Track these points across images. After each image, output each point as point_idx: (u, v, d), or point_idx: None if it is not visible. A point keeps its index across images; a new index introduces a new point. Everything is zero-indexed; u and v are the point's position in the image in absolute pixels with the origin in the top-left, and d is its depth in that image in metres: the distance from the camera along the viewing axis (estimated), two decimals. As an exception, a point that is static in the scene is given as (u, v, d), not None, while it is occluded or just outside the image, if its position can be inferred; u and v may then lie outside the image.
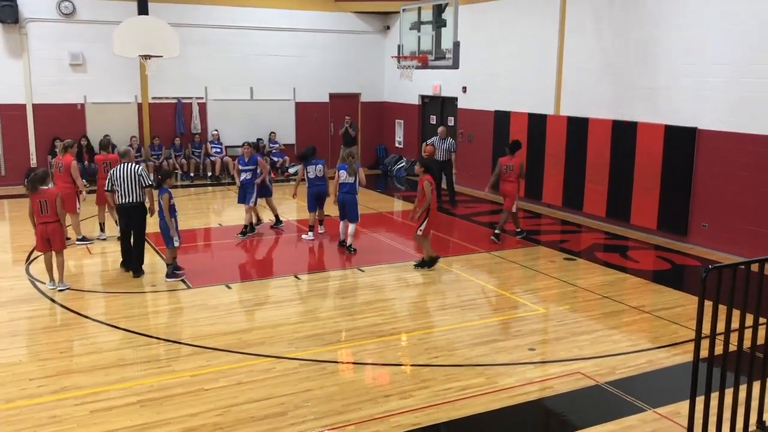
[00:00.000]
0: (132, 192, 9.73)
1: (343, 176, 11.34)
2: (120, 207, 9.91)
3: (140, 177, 9.78)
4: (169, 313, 8.69)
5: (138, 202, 9.80)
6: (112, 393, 6.29)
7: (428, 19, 12.71)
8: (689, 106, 11.86)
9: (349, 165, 11.35)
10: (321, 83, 20.22)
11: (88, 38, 17.20)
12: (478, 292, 9.48)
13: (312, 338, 7.70)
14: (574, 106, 14.28)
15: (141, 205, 9.86)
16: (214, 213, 15.14)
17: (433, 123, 19.16)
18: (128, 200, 9.74)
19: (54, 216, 8.98)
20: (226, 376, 6.67)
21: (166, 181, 9.70)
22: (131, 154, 10.24)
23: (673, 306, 8.92)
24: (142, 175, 9.83)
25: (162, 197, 9.57)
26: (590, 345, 7.58)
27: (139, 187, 9.77)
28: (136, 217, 9.88)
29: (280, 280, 9.92)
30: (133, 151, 10.61)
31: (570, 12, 14.25)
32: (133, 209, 9.80)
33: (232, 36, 18.81)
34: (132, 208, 9.80)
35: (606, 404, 6.31)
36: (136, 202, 9.79)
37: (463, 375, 6.76)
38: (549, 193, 14.99)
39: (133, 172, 9.77)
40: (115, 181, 9.77)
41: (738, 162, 11.15)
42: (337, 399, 6.22)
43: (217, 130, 18.93)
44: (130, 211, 9.82)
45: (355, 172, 11.33)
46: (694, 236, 11.97)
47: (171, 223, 9.64)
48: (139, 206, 9.85)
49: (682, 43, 11.91)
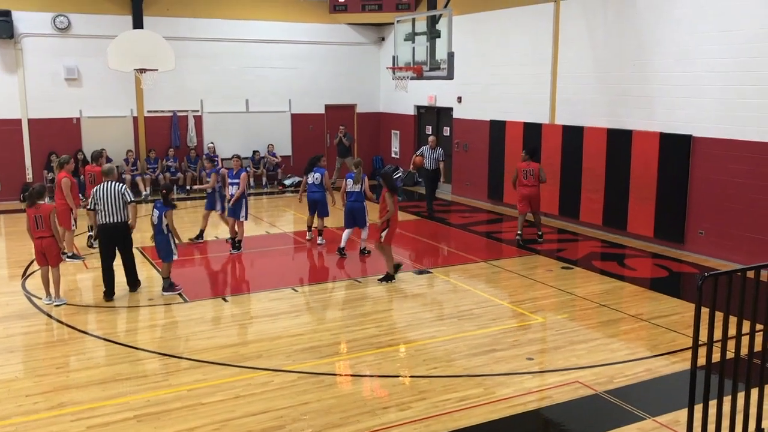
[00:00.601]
0: (117, 212, 9.35)
1: (349, 185, 11.69)
2: (103, 227, 9.47)
3: (123, 195, 9.39)
4: (165, 327, 8.66)
5: (122, 222, 9.44)
6: (108, 408, 6.26)
7: (423, 30, 12.78)
8: (684, 113, 11.90)
9: (356, 174, 11.74)
10: (316, 95, 20.26)
11: (83, 52, 17.23)
12: (476, 301, 9.46)
13: (309, 351, 7.67)
14: (569, 115, 14.32)
15: (125, 225, 9.49)
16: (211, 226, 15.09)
17: (429, 133, 19.18)
18: (112, 220, 9.37)
19: (48, 231, 8.98)
20: (223, 389, 6.64)
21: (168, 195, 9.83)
22: (115, 172, 9.88)
23: (670, 314, 8.92)
24: (125, 193, 9.44)
25: (166, 213, 9.56)
26: (588, 354, 7.57)
27: (123, 206, 9.40)
28: (120, 237, 9.54)
29: (278, 293, 9.89)
30: (116, 170, 10.18)
31: (564, 21, 14.32)
32: (117, 229, 9.44)
33: (227, 49, 18.87)
34: (116, 228, 9.43)
35: (605, 413, 6.29)
36: (120, 222, 9.43)
37: (462, 386, 6.74)
38: (546, 202, 14.96)
39: (117, 191, 9.38)
40: (99, 200, 9.38)
41: (733, 169, 11.18)
42: (336, 411, 6.19)
43: (213, 142, 18.93)
44: (114, 231, 9.45)
45: (360, 180, 11.69)
46: (691, 243, 11.98)
47: (172, 237, 9.67)
48: (123, 225, 9.47)
49: (676, 50, 11.97)
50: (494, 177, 16.43)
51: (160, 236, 9.66)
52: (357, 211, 11.75)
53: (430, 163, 15.57)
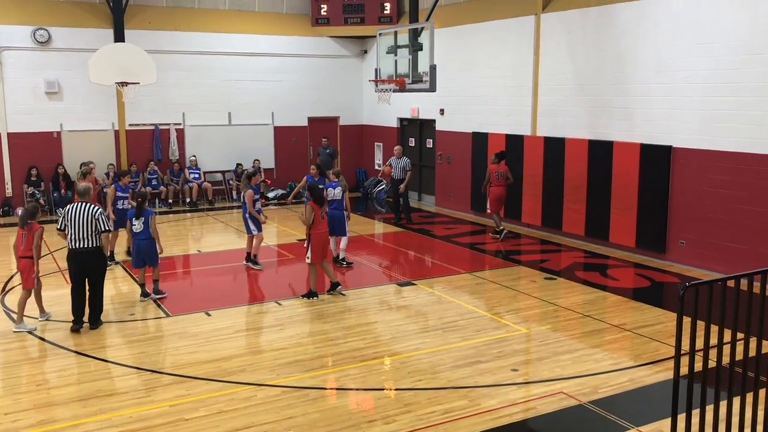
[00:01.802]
0: (88, 236, 8.55)
1: (331, 193, 11.60)
2: (73, 252, 8.64)
3: (98, 221, 8.59)
4: (147, 341, 8.56)
5: (94, 247, 8.62)
6: (90, 425, 6.18)
7: (405, 43, 12.84)
8: (664, 124, 12.04)
9: (341, 182, 11.70)
10: (299, 107, 20.27)
11: (63, 66, 17.13)
12: (460, 313, 9.47)
13: (294, 364, 7.63)
14: (551, 127, 14.43)
15: (97, 251, 8.68)
16: (193, 239, 15.03)
17: (412, 145, 19.26)
18: (83, 245, 8.57)
19: (28, 251, 8.68)
20: (206, 405, 6.58)
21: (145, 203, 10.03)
22: (92, 193, 9.17)
23: (653, 323, 8.98)
24: (100, 219, 8.63)
25: (152, 218, 9.85)
26: (572, 364, 7.59)
27: (95, 231, 8.59)
28: (91, 264, 8.71)
29: (261, 306, 9.84)
30: (93, 191, 9.49)
31: (544, 34, 14.45)
32: (87, 255, 8.61)
33: (209, 62, 18.84)
34: (86, 254, 8.61)
35: (589, 424, 6.31)
36: (92, 247, 8.61)
37: (446, 398, 6.73)
38: (528, 213, 15.08)
39: (90, 214, 8.58)
40: (69, 221, 8.59)
41: (713, 179, 11.31)
42: (320, 426, 6.15)
43: (195, 155, 18.86)
44: (85, 257, 8.63)
45: (346, 189, 11.69)
46: (673, 253, 12.09)
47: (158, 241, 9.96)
48: (94, 251, 8.65)
49: (655, 62, 12.12)
50: (477, 188, 16.47)
51: (147, 241, 9.87)
52: (337, 219, 11.60)
53: (397, 172, 15.70)
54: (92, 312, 8.85)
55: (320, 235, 10.06)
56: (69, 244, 8.66)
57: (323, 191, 10.76)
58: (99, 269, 8.85)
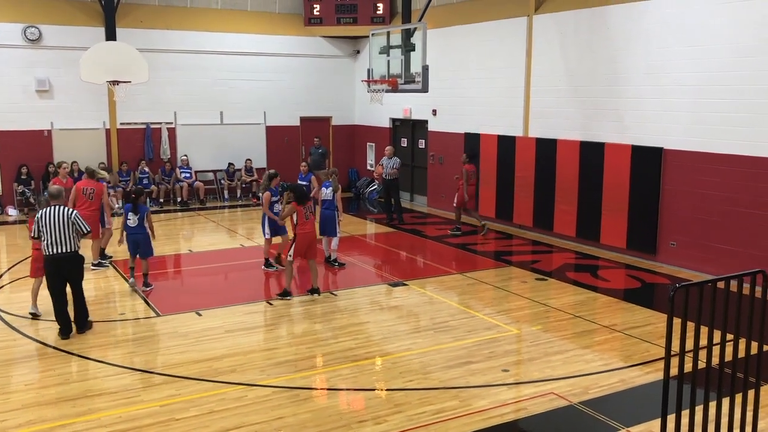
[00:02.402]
0: (65, 240, 8.22)
1: (325, 193, 11.65)
2: (49, 259, 8.28)
3: (75, 224, 8.30)
4: (138, 341, 8.53)
5: (72, 252, 8.31)
6: (79, 425, 6.14)
7: (397, 44, 12.83)
8: (655, 126, 12.09)
9: (333, 182, 11.69)
10: (292, 107, 20.24)
11: (54, 64, 17.04)
12: (451, 313, 9.48)
13: (285, 364, 7.61)
14: (543, 128, 14.47)
15: (75, 255, 8.39)
16: (184, 239, 14.98)
17: (405, 146, 19.26)
18: (60, 250, 8.22)
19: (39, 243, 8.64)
20: (197, 405, 6.56)
21: (141, 198, 10.41)
22: (63, 195, 8.82)
23: (644, 324, 9.01)
24: (77, 222, 8.33)
25: (147, 214, 10.33)
26: (563, 365, 7.61)
27: (72, 233, 8.28)
28: (70, 269, 8.41)
29: (252, 306, 9.81)
30: (64, 192, 9.10)
31: (537, 35, 14.48)
32: (65, 260, 8.29)
33: (201, 61, 18.79)
34: (65, 260, 8.28)
35: (579, 424, 6.32)
36: (70, 252, 8.29)
37: (438, 398, 6.73)
38: (520, 214, 15.11)
39: (66, 216, 8.27)
40: (43, 226, 8.23)
41: (703, 181, 11.36)
42: (311, 426, 6.14)
43: (186, 155, 18.80)
44: (62, 263, 8.29)
45: (338, 189, 11.66)
46: (664, 255, 12.13)
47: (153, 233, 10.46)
48: (72, 256, 8.35)
49: (647, 65, 12.16)
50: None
51: (142, 235, 10.32)
52: (329, 219, 11.65)
53: (387, 172, 15.77)
54: (78, 316, 8.60)
55: (305, 235, 10.04)
56: (45, 250, 8.30)
57: (304, 189, 10.73)
58: (78, 273, 8.55)
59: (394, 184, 16.02)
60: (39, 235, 8.32)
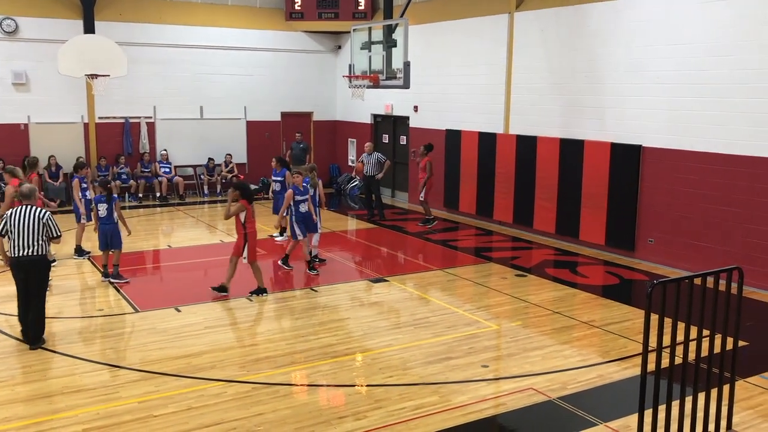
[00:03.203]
0: (33, 242, 7.71)
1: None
2: (16, 261, 7.79)
3: (46, 226, 7.82)
4: (116, 337, 8.46)
5: (40, 255, 7.80)
6: (56, 422, 6.08)
7: (379, 39, 12.81)
8: (634, 124, 12.19)
9: (311, 178, 11.65)
10: (273, 102, 20.14)
11: (32, 57, 16.80)
12: (432, 309, 9.50)
13: (264, 361, 7.59)
14: (523, 125, 14.53)
15: (43, 259, 7.87)
16: (163, 234, 14.87)
17: (386, 142, 19.25)
18: (27, 252, 7.71)
19: None
20: (175, 401, 6.52)
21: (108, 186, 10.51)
22: (36, 194, 8.24)
23: (622, 320, 9.09)
24: (49, 224, 7.85)
25: (115, 204, 10.42)
26: (542, 360, 7.66)
27: (42, 237, 7.79)
28: (36, 274, 7.85)
29: (232, 302, 9.77)
30: (38, 192, 8.71)
31: (518, 32, 14.53)
32: (32, 264, 7.77)
33: (181, 55, 18.63)
34: (31, 263, 7.76)
35: (558, 420, 6.37)
36: (37, 255, 7.77)
37: (417, 394, 6.75)
38: (500, 211, 15.17)
39: (37, 218, 7.78)
40: (11, 227, 7.75)
41: (681, 178, 11.48)
42: (290, 422, 6.13)
43: (166, 150, 18.65)
44: (29, 266, 7.77)
45: (316, 185, 11.64)
46: (642, 251, 12.25)
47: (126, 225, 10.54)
48: (40, 260, 7.82)
49: (626, 63, 12.26)
50: (450, 185, 16.55)
51: (111, 225, 10.39)
52: (309, 216, 11.49)
53: (369, 168, 15.76)
54: (34, 328, 7.90)
55: (255, 234, 9.94)
56: (11, 252, 7.83)
57: (251, 188, 10.61)
58: (41, 280, 7.98)
59: (375, 180, 16.02)
60: (5, 233, 7.84)
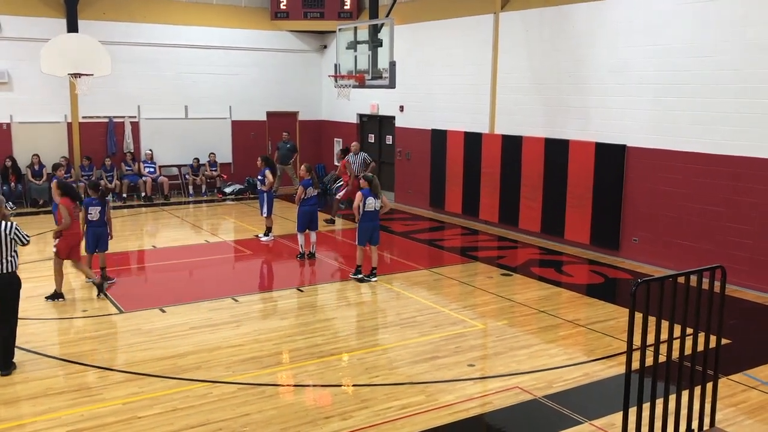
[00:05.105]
0: (4, 259, 7.10)
1: (309, 192, 12.00)
2: None
3: (15, 238, 7.21)
4: (100, 338, 8.39)
5: (10, 272, 7.17)
6: (39, 425, 6.03)
7: (365, 39, 12.81)
8: (618, 124, 12.27)
9: (313, 179, 12.08)
10: (258, 101, 20.07)
11: (14, 56, 16.63)
12: (418, 309, 9.51)
13: (250, 361, 7.57)
14: (508, 125, 14.58)
15: (14, 276, 7.23)
16: (148, 235, 14.78)
17: (372, 141, 19.25)
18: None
19: None
20: (160, 402, 6.48)
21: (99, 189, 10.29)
22: (3, 206, 7.55)
23: (606, 319, 9.15)
24: (18, 234, 7.24)
25: (108, 206, 10.34)
26: (528, 359, 7.69)
27: (12, 252, 7.18)
28: (7, 292, 7.19)
29: (217, 303, 9.72)
30: (4, 202, 7.90)
31: (503, 32, 14.58)
32: (3, 282, 7.12)
33: (165, 54, 18.51)
34: (2, 281, 7.12)
35: (544, 418, 6.40)
36: (7, 273, 7.14)
37: (404, 393, 6.75)
38: (485, 210, 15.22)
39: (4, 233, 7.11)
40: None
41: (664, 178, 11.57)
42: (276, 423, 6.12)
43: (151, 149, 18.53)
44: (1, 285, 7.13)
45: (317, 187, 12.25)
46: (626, 250, 12.33)
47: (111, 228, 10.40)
48: (10, 277, 7.18)
49: (610, 63, 12.33)
50: (436, 185, 16.58)
51: (101, 228, 10.21)
52: (314, 215, 12.06)
53: (356, 168, 15.77)
54: (5, 353, 7.24)
55: (75, 235, 9.73)
56: None
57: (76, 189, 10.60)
58: (13, 298, 7.28)
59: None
60: None
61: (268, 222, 13.63)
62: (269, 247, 13.24)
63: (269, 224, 13.66)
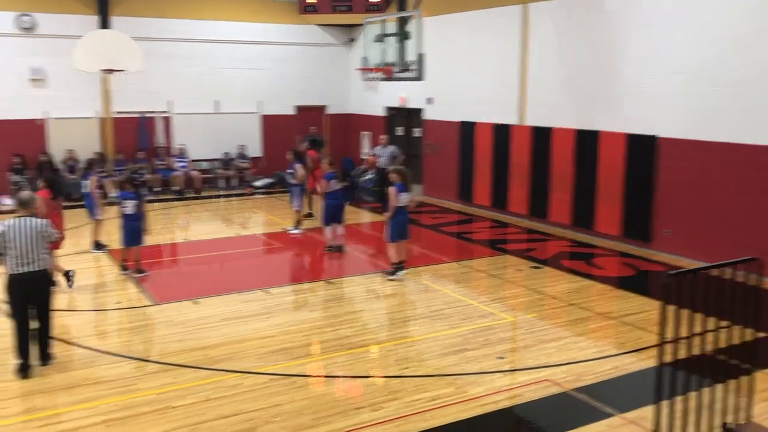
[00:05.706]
0: (35, 257, 7.00)
1: (333, 185, 12.05)
2: (16, 278, 6.96)
3: (44, 235, 7.10)
4: (134, 330, 8.55)
5: (41, 271, 7.07)
6: (76, 413, 6.17)
7: (392, 32, 12.82)
8: (649, 114, 12.10)
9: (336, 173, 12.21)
10: (287, 96, 20.18)
11: (48, 53, 16.92)
12: (447, 301, 9.51)
13: (281, 352, 7.64)
14: (538, 116, 14.46)
15: (44, 275, 7.14)
16: (180, 228, 14.98)
17: (400, 134, 19.23)
18: (29, 268, 6.97)
19: None
20: (193, 392, 6.59)
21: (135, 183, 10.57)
22: (36, 202, 7.47)
23: (638, 312, 9.06)
24: (47, 230, 7.13)
25: (145, 201, 10.75)
26: (558, 352, 7.65)
27: (43, 249, 7.08)
28: (39, 290, 7.14)
29: (248, 294, 9.82)
30: (36, 200, 7.64)
31: (532, 23, 14.45)
32: (36, 280, 7.04)
33: (195, 49, 18.69)
34: (35, 279, 7.03)
35: (574, 411, 6.37)
36: (39, 271, 7.05)
37: (433, 385, 6.77)
38: (515, 203, 15.13)
39: (35, 229, 7.01)
40: (9, 241, 6.91)
41: (697, 169, 11.39)
42: (308, 413, 6.18)
43: (184, 144, 18.74)
44: (32, 284, 7.03)
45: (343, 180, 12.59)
46: (658, 242, 12.18)
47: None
48: (42, 275, 7.11)
49: (642, 53, 12.16)
50: (464, 178, 16.53)
51: (137, 222, 10.43)
52: (339, 208, 12.13)
53: (384, 161, 15.80)
54: (42, 346, 7.31)
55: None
56: (10, 269, 6.99)
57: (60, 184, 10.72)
58: (47, 295, 7.24)
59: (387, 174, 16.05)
60: (3, 251, 6.98)
61: (298, 215, 13.72)
62: (298, 240, 13.33)
63: (299, 217, 13.75)
